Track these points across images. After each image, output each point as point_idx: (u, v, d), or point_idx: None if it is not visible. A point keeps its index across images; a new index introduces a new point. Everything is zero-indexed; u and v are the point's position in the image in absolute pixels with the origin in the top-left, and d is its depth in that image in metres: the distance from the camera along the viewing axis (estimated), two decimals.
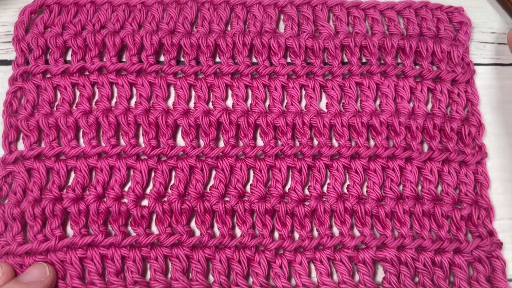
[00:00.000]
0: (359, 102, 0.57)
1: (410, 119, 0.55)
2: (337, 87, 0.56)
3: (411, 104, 0.57)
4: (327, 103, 0.56)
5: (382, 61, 0.58)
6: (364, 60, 0.58)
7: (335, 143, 0.55)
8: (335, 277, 0.52)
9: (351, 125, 0.55)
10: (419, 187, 0.55)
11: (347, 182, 0.55)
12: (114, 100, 0.56)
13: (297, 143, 0.55)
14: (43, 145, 0.53)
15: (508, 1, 0.60)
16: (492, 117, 0.59)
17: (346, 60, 0.58)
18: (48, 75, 0.55)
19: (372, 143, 0.56)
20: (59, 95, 0.55)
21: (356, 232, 0.53)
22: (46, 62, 0.56)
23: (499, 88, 0.60)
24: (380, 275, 0.53)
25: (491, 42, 0.62)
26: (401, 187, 0.55)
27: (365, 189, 0.55)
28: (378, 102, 0.57)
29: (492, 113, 0.59)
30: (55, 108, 0.55)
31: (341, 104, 0.57)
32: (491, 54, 0.61)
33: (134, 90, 0.56)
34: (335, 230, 0.53)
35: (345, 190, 0.55)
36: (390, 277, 0.51)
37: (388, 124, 0.55)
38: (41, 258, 0.50)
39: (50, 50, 0.56)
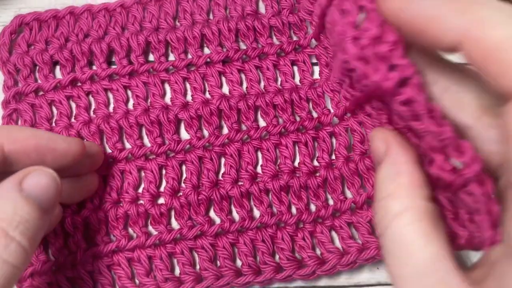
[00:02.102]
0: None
1: None
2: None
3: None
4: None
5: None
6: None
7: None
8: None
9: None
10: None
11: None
12: (112, 105, 0.55)
13: (298, 118, 0.56)
14: None
15: (509, 1, 0.61)
16: None
17: None
18: (41, 92, 0.55)
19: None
20: (55, 111, 0.55)
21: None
22: (36, 79, 0.55)
23: None
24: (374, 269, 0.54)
25: None
26: None
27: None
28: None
29: None
30: (54, 124, 0.54)
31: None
32: None
33: (130, 92, 0.56)
34: (348, 194, 0.55)
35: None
36: None
37: None
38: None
39: (38, 67, 0.55)
